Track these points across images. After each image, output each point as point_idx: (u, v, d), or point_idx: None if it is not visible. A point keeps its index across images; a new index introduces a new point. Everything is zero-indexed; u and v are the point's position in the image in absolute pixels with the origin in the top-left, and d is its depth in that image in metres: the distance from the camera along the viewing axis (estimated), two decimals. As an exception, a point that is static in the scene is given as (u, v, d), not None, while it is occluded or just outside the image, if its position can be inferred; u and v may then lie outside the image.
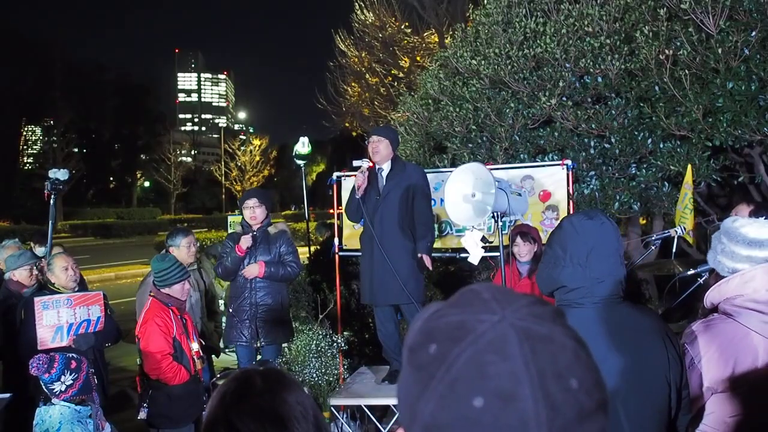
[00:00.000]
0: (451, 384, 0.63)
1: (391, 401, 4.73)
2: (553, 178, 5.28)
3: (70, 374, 3.30)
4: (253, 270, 5.03)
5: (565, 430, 0.61)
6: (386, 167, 4.84)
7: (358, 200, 4.79)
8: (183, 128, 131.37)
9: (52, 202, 5.23)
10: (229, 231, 8.43)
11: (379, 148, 4.78)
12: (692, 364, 2.06)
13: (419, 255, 4.67)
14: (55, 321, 4.02)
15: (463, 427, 0.61)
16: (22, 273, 4.78)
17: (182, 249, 5.06)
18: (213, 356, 5.63)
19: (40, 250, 5.91)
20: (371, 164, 4.81)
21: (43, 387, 3.32)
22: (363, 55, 22.38)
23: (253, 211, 5.10)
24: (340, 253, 5.89)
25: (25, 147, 48.30)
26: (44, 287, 4.51)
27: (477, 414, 0.60)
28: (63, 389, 3.29)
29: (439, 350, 0.65)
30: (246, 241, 5.04)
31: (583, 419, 0.62)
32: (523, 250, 4.55)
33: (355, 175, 4.89)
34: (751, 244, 2.05)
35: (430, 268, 4.77)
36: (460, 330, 0.65)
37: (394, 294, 4.70)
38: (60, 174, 5.28)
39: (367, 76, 22.41)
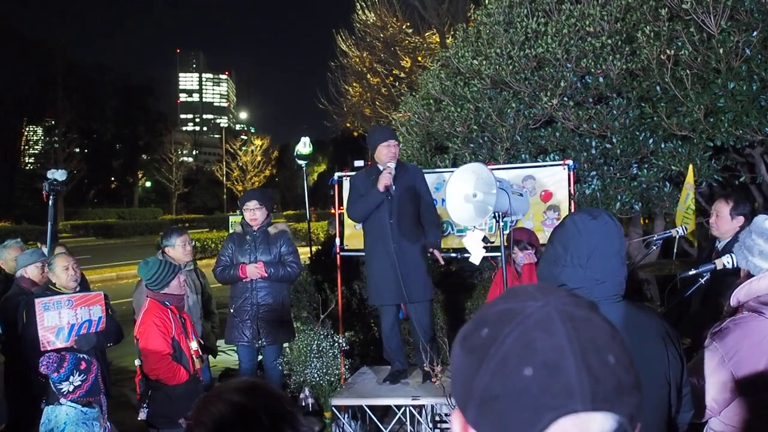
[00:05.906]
0: (503, 359, 0.69)
1: (392, 401, 4.72)
2: (554, 178, 5.28)
3: (79, 375, 3.30)
4: (253, 272, 5.03)
5: (606, 400, 0.66)
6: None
7: (383, 198, 4.68)
8: (184, 128, 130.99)
9: (50, 202, 5.22)
10: (230, 231, 8.41)
11: (398, 151, 4.85)
12: (722, 362, 2.03)
13: (430, 250, 4.76)
14: (57, 322, 4.01)
15: (515, 395, 0.67)
16: (33, 270, 4.75)
17: (178, 248, 5.05)
18: (210, 356, 5.63)
19: (45, 250, 5.92)
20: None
21: (51, 386, 3.32)
22: (364, 55, 22.41)
23: (254, 213, 5.10)
24: (342, 253, 5.89)
25: (26, 147, 48.28)
26: (46, 288, 4.50)
27: (527, 383, 0.67)
28: (71, 389, 3.29)
29: (490, 332, 0.72)
30: (254, 272, 5.04)
31: (622, 392, 0.68)
32: (519, 258, 4.57)
33: (354, 175, 4.96)
34: None
35: (442, 262, 4.87)
36: (509, 314, 0.72)
37: (422, 291, 4.77)
38: (58, 174, 5.27)
39: (369, 76, 22.44)
